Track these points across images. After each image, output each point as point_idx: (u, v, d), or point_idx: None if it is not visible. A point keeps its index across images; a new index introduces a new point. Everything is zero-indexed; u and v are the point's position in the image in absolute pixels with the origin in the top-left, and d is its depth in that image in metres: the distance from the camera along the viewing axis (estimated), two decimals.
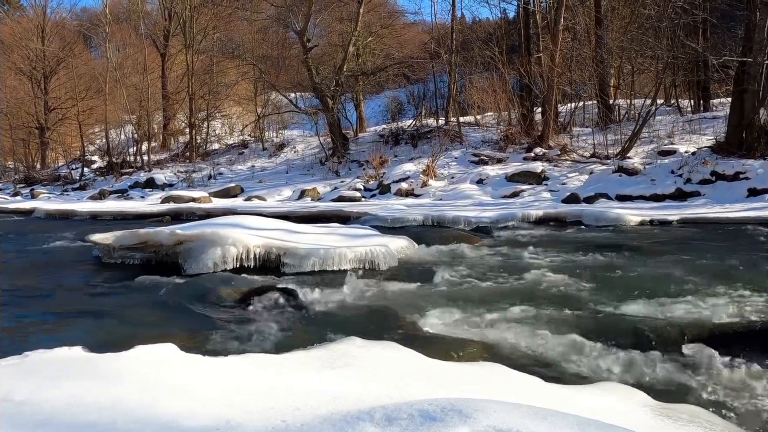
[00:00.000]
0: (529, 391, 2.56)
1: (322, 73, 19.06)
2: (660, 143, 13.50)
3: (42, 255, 7.82)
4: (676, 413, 2.44)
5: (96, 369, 2.49)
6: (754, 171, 10.73)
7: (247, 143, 22.62)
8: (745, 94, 11.35)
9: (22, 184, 23.58)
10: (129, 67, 25.21)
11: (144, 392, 2.23)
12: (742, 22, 12.17)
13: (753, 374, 2.99)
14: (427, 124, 18.95)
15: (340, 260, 5.71)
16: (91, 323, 4.27)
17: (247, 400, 2.20)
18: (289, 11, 18.60)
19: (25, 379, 2.38)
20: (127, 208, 14.30)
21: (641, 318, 3.95)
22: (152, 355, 2.71)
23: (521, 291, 4.77)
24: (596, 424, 1.73)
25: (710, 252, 6.19)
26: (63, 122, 25.77)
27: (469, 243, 7.19)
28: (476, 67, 19.64)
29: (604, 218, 8.88)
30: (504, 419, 1.68)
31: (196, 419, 1.99)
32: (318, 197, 14.92)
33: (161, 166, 21.28)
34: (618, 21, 15.83)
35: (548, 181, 13.08)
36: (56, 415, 2.02)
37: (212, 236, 5.89)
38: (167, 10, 24.19)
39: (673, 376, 3.02)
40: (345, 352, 2.98)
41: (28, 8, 30.36)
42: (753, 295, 4.31)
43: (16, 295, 5.31)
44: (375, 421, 1.75)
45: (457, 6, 19.06)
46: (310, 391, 2.32)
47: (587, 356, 3.31)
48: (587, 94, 16.69)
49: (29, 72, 26.14)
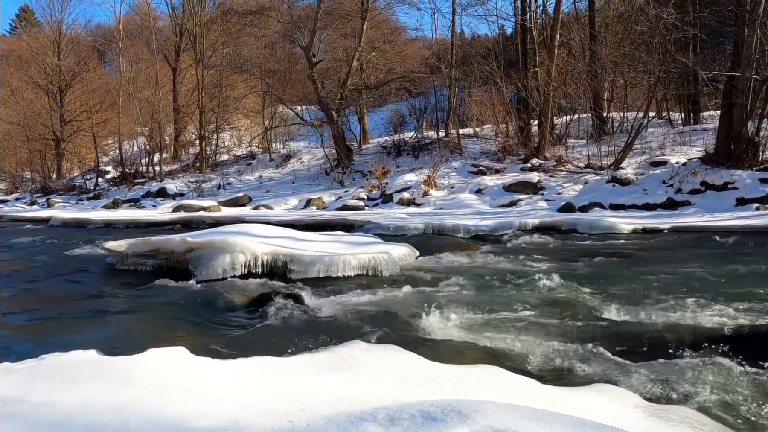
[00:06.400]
0: (525, 392, 2.58)
1: (327, 87, 19.29)
2: (652, 154, 13.67)
3: (58, 262, 7.91)
4: (668, 414, 2.47)
5: (109, 371, 2.54)
6: (742, 181, 10.91)
7: (255, 154, 22.96)
8: (734, 108, 11.54)
9: (39, 194, 24.12)
10: (141, 81, 25.61)
11: (156, 394, 2.27)
12: (731, 38, 12.36)
13: (741, 376, 3.05)
14: (427, 136, 19.13)
15: (344, 267, 5.81)
16: (105, 327, 4.33)
17: (255, 402, 2.24)
18: (295, 28, 18.90)
19: (41, 381, 2.41)
20: (139, 216, 14.51)
21: (633, 322, 4.02)
22: (163, 359, 2.76)
23: (518, 296, 4.80)
24: (590, 425, 1.75)
25: (700, 259, 6.24)
26: (78, 134, 26.19)
27: (468, 250, 7.27)
28: (475, 81, 19.76)
29: (598, 226, 9.00)
30: (502, 420, 1.71)
31: (205, 419, 2.03)
32: (323, 206, 15.12)
33: (172, 177, 21.63)
34: (611, 37, 15.99)
35: (544, 191, 13.25)
36: (72, 416, 2.05)
37: (221, 244, 5.99)
38: (178, 27, 24.67)
39: (665, 379, 3.04)
40: (349, 355, 3.02)
41: (45, 24, 30.89)
42: (740, 300, 4.38)
43: (33, 300, 5.48)
44: (378, 421, 1.78)
45: (456, 22, 19.34)
46: (316, 393, 2.37)
47: (582, 359, 3.34)
48: (582, 107, 16.84)
49: (45, 86, 26.62)
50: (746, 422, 2.60)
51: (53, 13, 27.84)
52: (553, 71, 14.63)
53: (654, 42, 13.70)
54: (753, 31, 11.25)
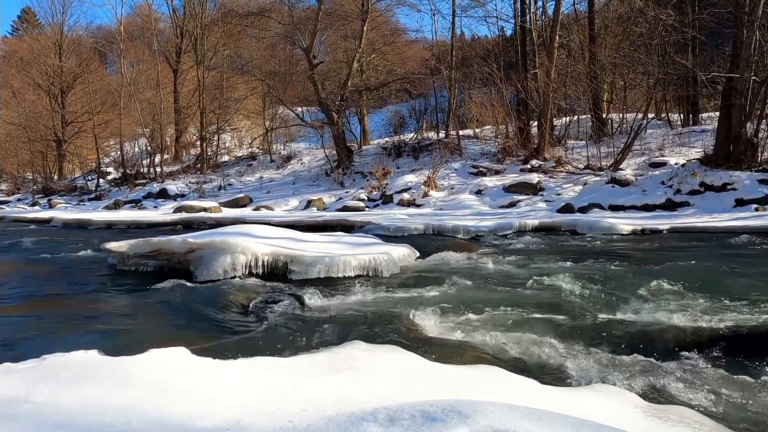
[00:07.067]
0: (525, 393, 2.58)
1: (328, 89, 19.39)
2: (651, 155, 13.73)
3: (59, 262, 7.86)
4: (666, 414, 2.47)
5: (111, 372, 2.53)
6: (741, 182, 10.94)
7: (256, 155, 23.06)
8: (733, 109, 11.58)
9: (40, 195, 24.26)
10: (143, 82, 25.74)
11: (157, 394, 2.27)
12: (730, 40, 12.40)
13: (740, 376, 3.06)
14: (428, 137, 19.22)
15: (344, 267, 5.77)
16: (107, 328, 4.31)
17: (256, 402, 2.25)
18: (295, 29, 18.99)
19: (43, 381, 2.41)
20: (140, 217, 14.55)
21: (632, 323, 4.02)
22: (165, 359, 2.75)
23: (518, 297, 4.79)
24: (589, 425, 1.76)
25: (698, 260, 6.24)
26: (79, 135, 26.34)
27: (468, 251, 7.24)
28: (475, 83, 19.82)
29: (598, 227, 9.02)
30: (501, 420, 1.71)
31: (207, 420, 2.04)
32: (323, 207, 15.18)
33: (173, 178, 21.72)
34: (611, 38, 16.05)
35: (544, 192, 13.29)
36: (74, 416, 2.05)
37: (222, 244, 5.96)
38: (179, 28, 24.81)
39: (663, 379, 3.05)
40: (350, 355, 3.01)
41: (46, 26, 31.08)
42: (739, 301, 4.38)
43: (34, 300, 5.43)
44: (378, 421, 1.78)
45: (456, 24, 19.45)
46: (317, 393, 2.37)
47: (581, 360, 3.34)
48: (581, 108, 16.90)
49: (47, 87, 26.80)
50: (745, 422, 2.60)
51: (55, 15, 28.09)
52: (552, 73, 14.68)
53: (653, 43, 13.74)
54: (752, 32, 11.29)
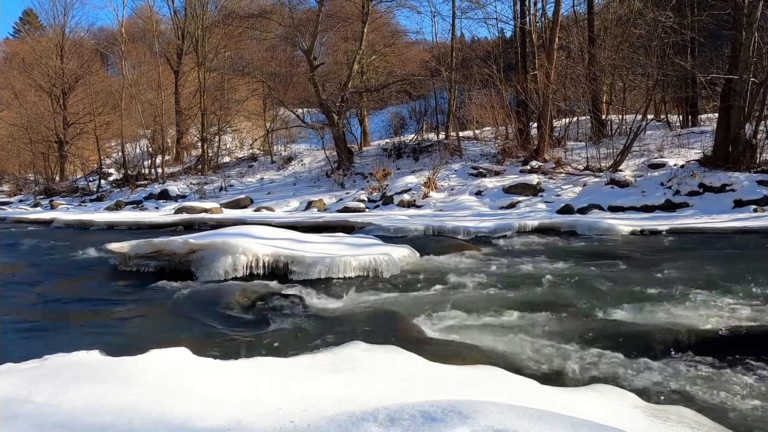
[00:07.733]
0: (525, 393, 2.59)
1: (328, 90, 19.43)
2: (650, 157, 13.76)
3: (61, 263, 7.90)
4: (665, 414, 2.48)
5: (113, 372, 2.54)
6: (739, 183, 10.97)
7: (257, 156, 23.12)
8: (732, 110, 11.63)
9: (42, 196, 24.28)
10: (144, 83, 25.77)
11: (159, 394, 2.28)
12: (729, 42, 12.45)
13: (739, 376, 3.07)
14: (428, 139, 19.26)
15: (345, 268, 5.80)
16: (108, 328, 4.34)
17: (257, 402, 2.26)
18: (296, 31, 19.03)
19: (45, 381, 2.42)
20: (142, 218, 14.55)
21: (632, 323, 4.04)
22: (166, 359, 2.76)
23: (518, 297, 4.81)
24: (589, 425, 1.76)
25: (697, 261, 6.26)
26: (81, 136, 26.39)
27: (468, 251, 7.26)
28: (475, 84, 19.88)
29: (597, 228, 9.03)
30: (501, 420, 1.72)
31: (208, 420, 2.05)
32: (324, 208, 15.20)
33: (174, 179, 21.74)
34: (610, 40, 16.08)
35: (543, 193, 13.33)
36: (75, 416, 2.06)
37: (223, 245, 6.00)
38: (180, 30, 24.88)
39: (662, 379, 3.05)
40: (350, 356, 3.02)
41: (48, 28, 31.12)
42: (738, 302, 4.41)
43: (36, 301, 5.45)
44: (378, 421, 1.79)
45: (456, 26, 19.50)
46: (317, 394, 2.38)
47: (580, 360, 3.36)
48: (581, 109, 16.93)
49: (49, 88, 26.84)
50: (745, 422, 2.61)
51: (56, 17, 28.11)
52: (552, 74, 14.72)
53: (652, 45, 13.78)
54: (751, 34, 11.34)
